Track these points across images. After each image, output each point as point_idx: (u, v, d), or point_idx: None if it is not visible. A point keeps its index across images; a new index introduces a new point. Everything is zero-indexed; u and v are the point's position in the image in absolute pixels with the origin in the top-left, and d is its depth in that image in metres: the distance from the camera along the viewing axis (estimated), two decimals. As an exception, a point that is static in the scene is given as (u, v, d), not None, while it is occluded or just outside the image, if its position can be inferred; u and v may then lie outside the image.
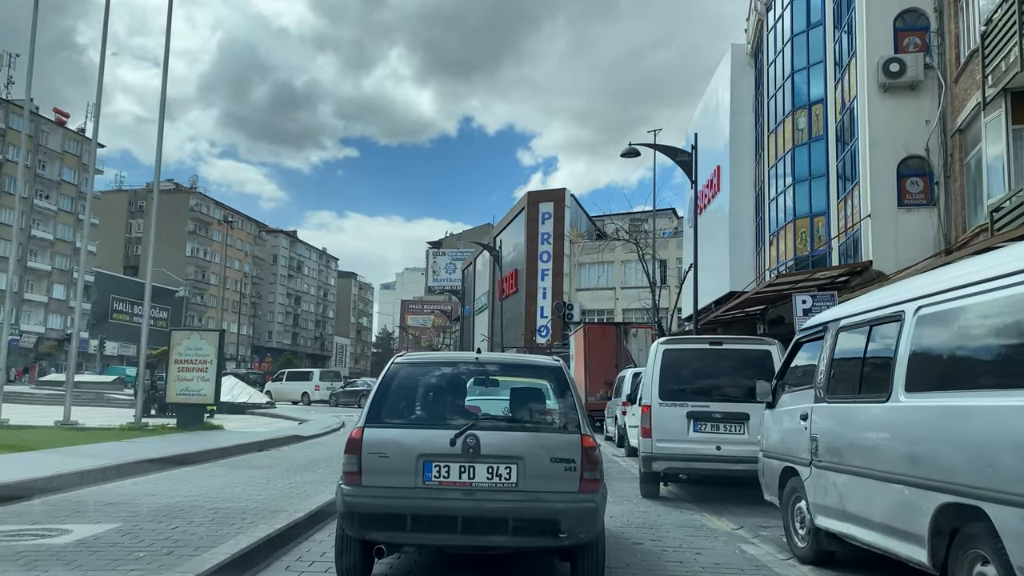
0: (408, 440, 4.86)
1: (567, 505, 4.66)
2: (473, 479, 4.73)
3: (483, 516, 4.65)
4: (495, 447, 4.77)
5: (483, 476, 4.74)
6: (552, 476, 4.72)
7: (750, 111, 28.40)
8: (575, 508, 4.66)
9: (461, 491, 4.71)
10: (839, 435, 5.11)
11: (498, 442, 4.80)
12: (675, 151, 20.71)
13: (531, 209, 53.19)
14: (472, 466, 4.74)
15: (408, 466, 4.75)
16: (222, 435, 16.70)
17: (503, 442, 4.81)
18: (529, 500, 4.68)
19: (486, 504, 4.67)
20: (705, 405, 8.60)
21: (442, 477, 4.74)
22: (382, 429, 4.94)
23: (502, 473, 4.73)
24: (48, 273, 73.20)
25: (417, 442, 4.83)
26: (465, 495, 4.70)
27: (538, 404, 5.36)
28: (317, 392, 38.57)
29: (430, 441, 4.81)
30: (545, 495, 4.68)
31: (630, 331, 23.74)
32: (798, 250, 22.09)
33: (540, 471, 4.72)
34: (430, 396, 5.43)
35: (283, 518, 6.80)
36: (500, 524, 4.63)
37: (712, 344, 8.93)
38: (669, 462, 8.64)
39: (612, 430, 19.42)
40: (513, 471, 4.73)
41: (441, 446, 4.76)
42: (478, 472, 4.74)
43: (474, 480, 4.73)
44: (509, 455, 4.76)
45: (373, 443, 4.84)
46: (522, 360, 6.67)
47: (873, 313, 4.96)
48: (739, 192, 28.38)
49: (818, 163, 21.63)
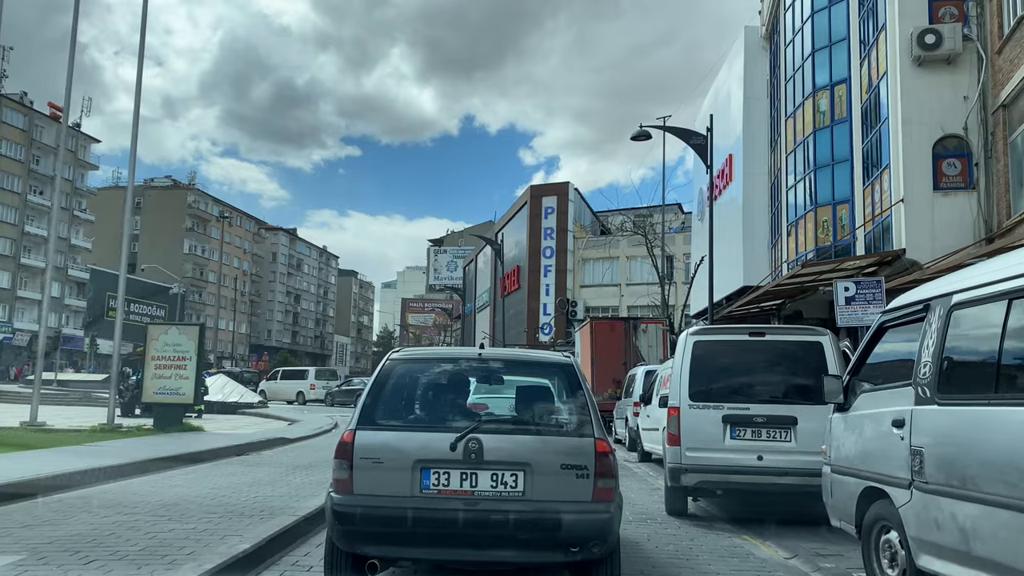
0: (404, 444, 4.40)
1: (579, 516, 4.22)
2: (475, 487, 4.29)
3: (486, 528, 4.21)
4: (500, 452, 4.33)
5: (486, 484, 4.29)
6: (563, 484, 4.28)
7: (764, 96, 27.01)
8: (588, 519, 4.23)
9: (462, 500, 4.26)
10: (964, 449, 3.77)
11: (503, 446, 4.35)
12: (689, 133, 19.37)
13: (534, 203, 51.71)
14: (474, 473, 4.30)
15: (404, 473, 4.30)
16: (200, 438, 15.39)
17: (508, 446, 4.36)
18: (537, 511, 4.22)
19: (490, 515, 4.21)
20: (744, 407, 7.27)
21: (441, 485, 4.30)
22: (376, 432, 4.45)
23: (507, 481, 4.29)
24: (42, 270, 71.85)
25: (414, 446, 4.37)
26: (467, 505, 4.25)
27: (547, 404, 4.87)
28: (312, 391, 37.28)
29: (428, 445, 4.36)
30: (555, 505, 4.23)
31: (639, 327, 22.37)
32: (820, 240, 20.73)
33: (549, 478, 4.28)
34: (429, 395, 4.92)
35: (235, 547, 5.48)
36: (505, 537, 4.22)
37: (752, 335, 7.57)
38: (702, 475, 7.29)
39: (622, 432, 18.06)
40: (519, 479, 4.29)
41: (440, 451, 4.31)
42: (481, 480, 4.30)
43: (476, 488, 4.29)
44: (515, 461, 4.31)
45: (365, 447, 4.36)
46: (529, 356, 5.97)
47: (1012, 282, 3.62)
48: (753, 182, 26.98)
49: (841, 147, 20.27)
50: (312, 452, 14.17)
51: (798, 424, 7.15)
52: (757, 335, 7.55)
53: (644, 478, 11.48)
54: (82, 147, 78.88)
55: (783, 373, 7.43)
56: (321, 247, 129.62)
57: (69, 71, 17.77)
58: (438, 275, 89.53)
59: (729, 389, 7.42)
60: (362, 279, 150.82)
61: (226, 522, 6.51)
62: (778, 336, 7.66)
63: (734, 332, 7.83)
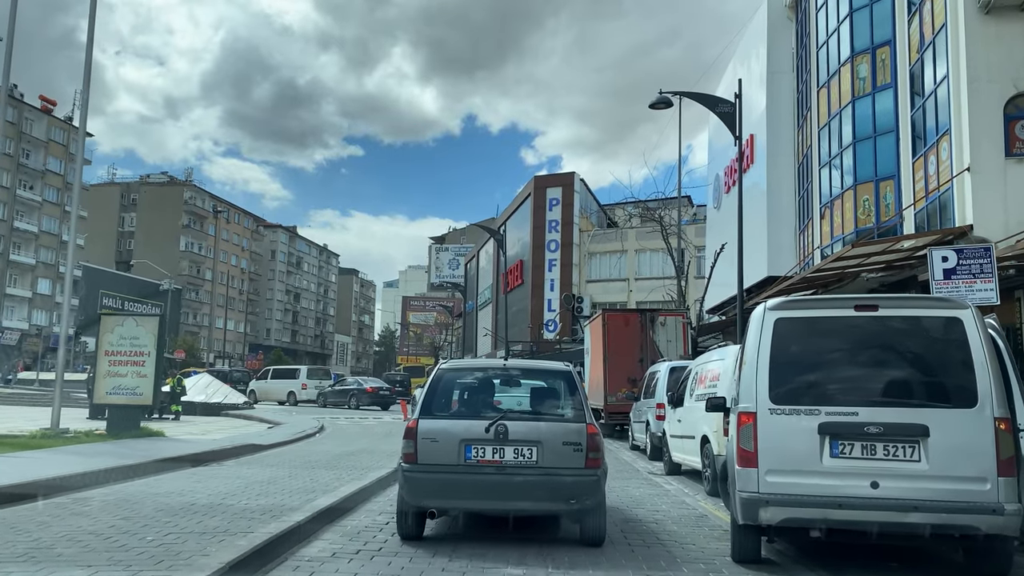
0: (452, 428, 6.21)
1: (576, 478, 5.99)
2: (503, 458, 6.04)
3: (511, 486, 5.98)
4: (520, 433, 6.09)
5: (511, 456, 6.04)
6: (564, 455, 6.03)
7: (789, 69, 24.81)
8: (582, 481, 6.00)
9: (494, 467, 6.03)
10: None
11: (522, 430, 6.12)
12: (715, 100, 17.17)
13: (538, 195, 49.35)
14: (502, 448, 6.05)
15: (452, 448, 6.07)
16: (153, 445, 13.24)
17: (526, 430, 6.13)
18: (547, 474, 5.97)
19: (513, 477, 5.99)
20: (851, 412, 5.08)
21: (479, 456, 6.06)
22: (432, 420, 6.29)
23: (525, 453, 6.04)
24: (32, 267, 69.89)
25: (459, 430, 6.18)
26: (497, 470, 6.01)
27: (552, 400, 6.75)
28: (304, 391, 34.97)
29: (469, 429, 6.14)
30: (559, 470, 5.98)
31: (657, 319, 20.09)
32: (859, 221, 18.54)
33: (555, 452, 6.03)
34: (467, 395, 6.92)
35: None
36: (524, 492, 5.98)
37: (860, 308, 5.31)
38: (790, 509, 5.08)
39: (641, 438, 15.83)
40: (534, 451, 6.04)
41: (478, 433, 6.08)
42: (507, 453, 6.05)
43: (504, 459, 6.04)
44: (531, 439, 6.08)
45: (426, 431, 6.17)
46: (540, 365, 7.51)
47: None
48: (777, 163, 24.77)
49: (885, 117, 18.07)
50: (277, 464, 12.02)
51: (930, 436, 4.98)
52: (867, 308, 5.30)
53: (681, 499, 9.28)
54: (74, 141, 76.84)
55: (906, 363, 5.23)
56: (321, 245, 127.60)
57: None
58: (440, 273, 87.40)
59: (828, 387, 5.22)
60: (363, 278, 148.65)
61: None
62: (898, 309, 5.36)
63: (833, 305, 5.55)
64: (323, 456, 13.24)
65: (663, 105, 17.31)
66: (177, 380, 26.17)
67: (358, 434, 19.70)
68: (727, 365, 9.44)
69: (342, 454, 13.79)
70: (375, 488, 9.45)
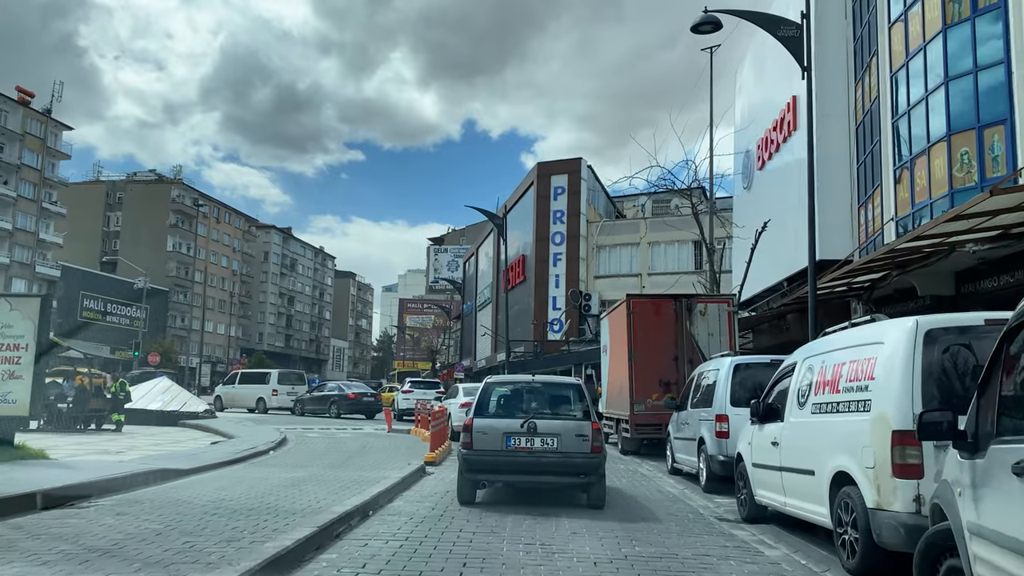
0: (497, 424, 9.09)
1: (585, 460, 8.80)
2: (533, 446, 8.87)
3: (539, 466, 8.85)
4: (545, 428, 8.94)
5: (539, 444, 8.86)
6: (576, 444, 8.84)
7: (840, 15, 20.90)
8: (589, 462, 8.81)
9: (527, 452, 8.86)
10: None
11: (546, 425, 8.97)
12: (776, 20, 13.32)
13: (541, 183, 45.24)
14: (532, 438, 8.87)
15: (497, 439, 8.93)
16: (11, 473, 9.27)
17: (549, 425, 9.00)
18: (564, 457, 8.81)
19: (540, 459, 8.83)
20: None
21: (516, 444, 8.88)
22: (483, 419, 9.17)
23: (549, 442, 8.86)
24: (7, 266, 65.98)
25: (502, 426, 9.03)
26: (528, 454, 8.85)
27: (567, 405, 9.57)
28: (275, 398, 30.83)
29: (509, 425, 8.99)
30: (573, 454, 8.81)
31: (696, 307, 16.01)
32: (956, 182, 14.59)
33: (570, 441, 8.85)
34: (503, 401, 9.74)
35: None
36: (548, 470, 8.84)
37: None
38: None
39: (688, 460, 11.81)
40: (555, 441, 8.87)
41: (515, 428, 8.92)
42: (536, 442, 8.87)
43: (534, 446, 8.86)
44: (553, 432, 8.94)
45: (478, 427, 9.05)
46: (557, 380, 11.83)
47: None
48: (828, 125, 20.72)
49: (990, 45, 14.16)
50: (176, 504, 8.09)
51: None
52: None
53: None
54: (52, 135, 73.02)
55: None
56: (317, 247, 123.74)
57: None
58: (438, 275, 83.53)
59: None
60: (360, 281, 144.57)
61: None
62: None
63: None
64: (249, 492, 9.28)
65: (709, 27, 13.45)
66: (120, 384, 22.35)
67: (323, 451, 15.81)
68: (889, 355, 5.49)
69: (281, 485, 9.90)
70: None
